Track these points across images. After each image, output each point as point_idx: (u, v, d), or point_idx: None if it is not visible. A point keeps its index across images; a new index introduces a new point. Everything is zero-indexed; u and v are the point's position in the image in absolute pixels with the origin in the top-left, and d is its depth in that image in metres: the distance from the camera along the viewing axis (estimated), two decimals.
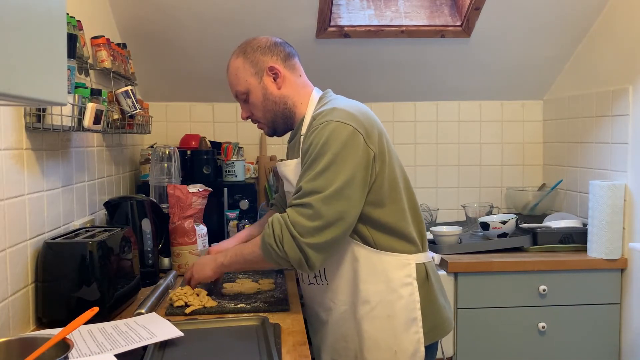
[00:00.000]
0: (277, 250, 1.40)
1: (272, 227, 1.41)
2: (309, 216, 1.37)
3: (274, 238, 1.40)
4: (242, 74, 1.58)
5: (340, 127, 1.41)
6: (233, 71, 1.60)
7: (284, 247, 1.38)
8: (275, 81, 1.57)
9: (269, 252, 1.42)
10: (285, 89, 1.59)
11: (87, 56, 1.84)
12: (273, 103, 1.58)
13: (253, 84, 1.57)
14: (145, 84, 2.76)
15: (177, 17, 2.42)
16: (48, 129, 1.49)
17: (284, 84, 1.58)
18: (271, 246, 1.40)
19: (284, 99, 1.59)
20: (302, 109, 1.60)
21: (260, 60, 1.57)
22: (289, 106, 1.60)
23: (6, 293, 1.34)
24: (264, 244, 1.43)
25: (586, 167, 2.63)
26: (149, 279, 1.86)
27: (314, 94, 1.62)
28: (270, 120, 1.61)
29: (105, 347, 1.21)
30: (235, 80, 1.60)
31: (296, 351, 1.30)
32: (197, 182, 2.18)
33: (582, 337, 2.36)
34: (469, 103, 3.03)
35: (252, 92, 1.58)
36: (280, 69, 1.57)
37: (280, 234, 1.39)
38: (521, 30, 2.58)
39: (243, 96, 1.60)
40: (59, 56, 0.95)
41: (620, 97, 2.37)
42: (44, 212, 1.55)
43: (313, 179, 1.39)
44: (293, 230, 1.37)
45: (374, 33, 2.56)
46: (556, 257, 2.36)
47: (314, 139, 1.43)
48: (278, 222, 1.40)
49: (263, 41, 1.60)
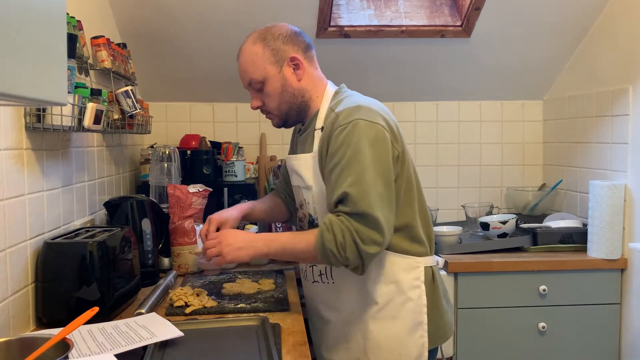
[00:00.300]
0: (337, 256, 1.36)
1: (333, 232, 1.35)
2: (372, 227, 1.34)
3: (335, 243, 1.35)
4: (261, 61, 1.50)
5: (370, 126, 1.39)
6: (249, 57, 1.52)
7: (346, 253, 1.35)
8: (296, 72, 1.52)
9: (328, 255, 1.37)
10: (304, 81, 1.54)
11: (87, 56, 1.84)
12: (291, 95, 1.53)
13: (272, 73, 1.51)
14: (145, 84, 2.76)
15: (177, 17, 2.42)
16: (48, 129, 1.49)
17: (304, 75, 1.53)
18: (332, 251, 1.35)
19: (302, 92, 1.54)
20: (317, 102, 1.56)
21: (282, 49, 1.51)
22: (305, 99, 1.55)
23: (6, 293, 1.34)
24: (323, 247, 1.36)
25: (586, 167, 2.63)
26: (149, 279, 1.86)
27: (329, 87, 1.59)
28: (284, 112, 1.56)
29: (105, 347, 1.21)
30: (251, 67, 1.52)
31: (296, 351, 1.30)
32: (197, 182, 2.18)
33: (582, 337, 2.36)
34: (469, 103, 3.03)
35: (270, 82, 1.51)
36: (302, 60, 1.52)
37: (343, 240, 1.34)
38: (521, 30, 2.58)
39: (258, 85, 1.53)
40: (59, 56, 0.95)
41: (620, 97, 2.37)
42: (44, 212, 1.55)
43: (358, 183, 1.35)
44: (357, 238, 1.34)
45: (374, 33, 2.56)
46: (556, 257, 2.36)
47: (345, 138, 1.38)
48: (339, 228, 1.35)
49: (284, 29, 1.53)
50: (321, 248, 1.37)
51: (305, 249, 1.42)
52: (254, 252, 1.47)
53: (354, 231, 1.34)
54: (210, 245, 1.51)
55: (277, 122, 1.60)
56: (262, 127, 2.97)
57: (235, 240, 1.48)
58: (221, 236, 1.50)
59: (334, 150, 1.41)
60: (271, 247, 1.46)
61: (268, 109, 1.57)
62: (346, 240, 1.34)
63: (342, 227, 1.35)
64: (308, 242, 1.41)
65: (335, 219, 1.37)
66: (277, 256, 1.50)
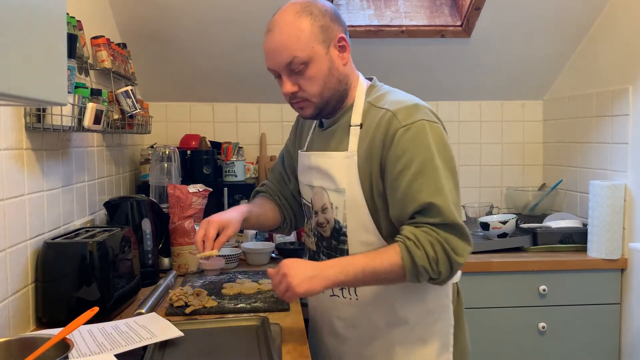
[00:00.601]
0: (430, 272, 1.23)
1: (423, 246, 1.22)
2: (459, 234, 1.24)
3: (428, 259, 1.21)
4: (308, 38, 1.28)
5: (434, 127, 1.28)
6: (295, 32, 1.28)
7: (439, 267, 1.22)
8: (341, 55, 1.34)
9: (419, 273, 1.23)
10: (348, 66, 1.37)
11: (87, 56, 1.84)
12: (336, 81, 1.34)
13: (320, 53, 1.30)
14: (145, 84, 2.76)
15: (177, 17, 2.42)
16: (48, 129, 1.49)
17: (348, 60, 1.37)
18: (424, 268, 1.22)
19: (346, 79, 1.37)
20: (353, 93, 1.39)
21: (331, 27, 1.32)
22: (347, 88, 1.38)
23: (6, 293, 1.34)
24: (413, 265, 1.22)
25: (586, 167, 2.63)
26: (149, 279, 1.86)
27: (362, 79, 1.43)
28: (325, 100, 1.35)
29: (105, 347, 1.21)
30: (296, 44, 1.28)
31: (296, 351, 1.30)
32: (197, 182, 2.18)
33: (582, 337, 2.36)
34: (469, 103, 3.03)
35: (316, 63, 1.30)
36: (347, 41, 1.35)
37: (435, 254, 1.22)
38: (521, 30, 2.58)
39: (299, 66, 1.30)
40: (59, 56, 0.95)
41: (620, 97, 2.37)
42: (44, 212, 1.54)
43: (439, 193, 1.23)
44: (449, 250, 1.22)
45: (374, 33, 2.56)
46: (556, 257, 2.36)
47: (413, 141, 1.25)
48: (428, 241, 1.22)
49: (328, 5, 1.35)
50: (411, 266, 1.22)
51: (390, 269, 1.23)
52: (328, 281, 1.24)
53: (444, 242, 1.22)
54: (276, 282, 1.27)
55: (312, 112, 1.37)
56: (262, 127, 2.97)
57: (303, 269, 1.24)
58: (283, 268, 1.25)
59: (398, 153, 1.26)
60: (348, 272, 1.24)
61: (306, 95, 1.33)
62: (438, 253, 1.22)
63: (431, 239, 1.22)
64: (392, 261, 1.23)
65: (419, 231, 1.23)
66: (355, 282, 1.28)
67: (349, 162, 1.33)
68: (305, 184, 1.48)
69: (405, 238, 1.24)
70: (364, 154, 1.32)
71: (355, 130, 1.35)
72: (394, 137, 1.26)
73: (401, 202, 1.27)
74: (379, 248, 1.29)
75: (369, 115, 1.34)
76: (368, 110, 1.35)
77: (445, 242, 1.22)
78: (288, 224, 1.64)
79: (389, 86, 1.44)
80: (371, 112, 1.34)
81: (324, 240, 1.44)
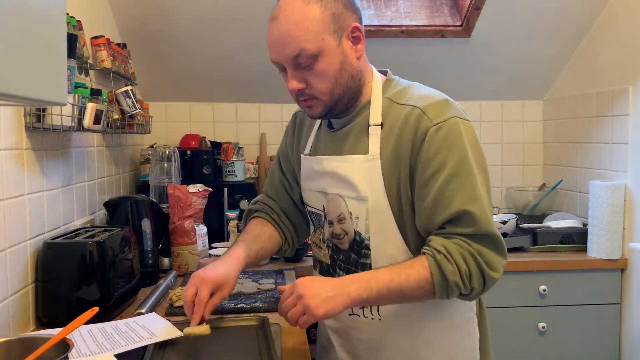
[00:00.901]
0: (462, 288, 1.11)
1: (455, 261, 1.10)
2: (494, 247, 1.13)
3: (460, 275, 1.10)
4: (318, 28, 1.13)
5: (467, 126, 1.16)
6: (303, 21, 1.13)
7: (471, 282, 1.11)
8: (355, 47, 1.19)
9: (450, 289, 1.11)
10: (362, 59, 1.22)
11: (87, 56, 1.84)
12: (350, 77, 1.19)
13: (330, 45, 1.15)
14: (145, 84, 2.76)
15: (177, 17, 2.42)
16: (48, 129, 1.49)
17: (362, 53, 1.21)
18: (456, 284, 1.10)
19: (360, 73, 1.21)
20: (368, 89, 1.25)
21: (344, 14, 1.16)
22: (361, 84, 1.23)
23: (6, 293, 1.34)
24: (444, 281, 1.10)
25: (586, 167, 2.63)
26: (149, 279, 1.85)
27: (376, 72, 1.28)
28: (337, 97, 1.20)
29: (105, 347, 1.21)
30: (304, 35, 1.13)
31: (296, 351, 1.29)
32: (197, 182, 2.18)
33: (582, 337, 2.36)
34: (469, 103, 3.03)
35: (326, 56, 1.15)
36: (362, 32, 1.20)
37: (467, 268, 1.10)
38: (521, 30, 2.58)
39: (307, 60, 1.15)
40: (59, 56, 0.95)
41: (620, 97, 2.37)
42: (44, 212, 1.54)
43: (476, 200, 1.12)
44: (483, 264, 1.11)
45: (374, 33, 2.56)
46: (556, 257, 2.36)
47: (445, 141, 1.13)
48: (460, 254, 1.10)
49: None
50: (442, 282, 1.10)
51: (417, 285, 1.11)
52: (349, 300, 1.11)
53: (477, 255, 1.11)
54: (289, 305, 1.12)
55: (321, 111, 1.22)
56: (262, 127, 2.97)
57: (321, 288, 1.11)
58: (298, 288, 1.12)
59: (430, 155, 1.13)
60: (371, 289, 1.11)
61: (314, 93, 1.19)
62: (471, 267, 1.10)
63: (463, 252, 1.11)
64: (420, 276, 1.11)
65: (450, 243, 1.12)
66: (379, 300, 1.16)
67: (370, 166, 1.19)
68: (315, 191, 1.32)
69: (434, 251, 1.11)
70: (390, 157, 1.18)
71: (376, 130, 1.20)
72: (425, 137, 1.13)
73: (431, 209, 1.14)
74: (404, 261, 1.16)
75: (390, 113, 1.20)
76: (389, 108, 1.21)
77: (479, 255, 1.11)
78: (290, 244, 1.47)
79: (406, 80, 1.31)
80: (393, 109, 1.20)
81: (340, 253, 1.28)
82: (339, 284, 1.12)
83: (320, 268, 1.37)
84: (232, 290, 1.27)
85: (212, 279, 1.21)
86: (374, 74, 1.27)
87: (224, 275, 1.24)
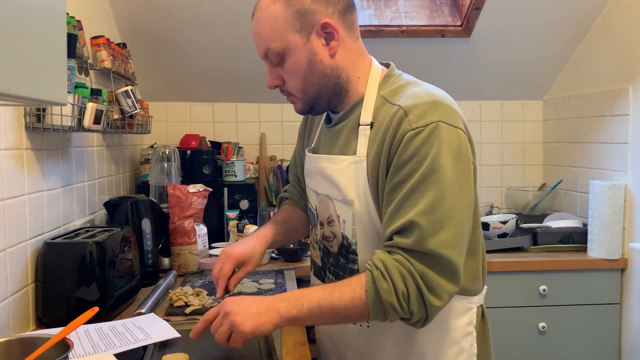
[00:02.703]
0: (399, 311, 1.03)
1: (391, 278, 1.02)
2: (440, 270, 1.02)
3: (396, 294, 1.01)
4: (281, 26, 1.11)
5: (453, 133, 1.06)
6: (267, 20, 1.12)
7: (410, 306, 1.02)
8: (329, 45, 1.13)
9: (386, 311, 1.03)
10: (340, 56, 1.15)
11: (87, 56, 1.84)
12: (321, 75, 1.14)
13: (295, 43, 1.12)
14: (145, 84, 2.76)
15: (177, 17, 2.42)
16: (48, 129, 1.49)
17: (340, 48, 1.14)
18: (392, 305, 1.02)
19: (337, 71, 1.15)
20: (360, 86, 1.19)
21: (311, 10, 1.10)
22: (341, 80, 1.17)
23: (6, 293, 1.34)
24: (378, 301, 1.02)
25: (586, 167, 2.63)
26: (149, 279, 1.85)
27: (375, 66, 1.21)
28: (311, 96, 1.17)
29: (99, 348, 1.21)
30: (268, 33, 1.12)
31: (296, 351, 1.29)
32: (197, 182, 2.18)
33: (582, 337, 2.36)
34: (469, 103, 3.03)
35: (292, 54, 1.12)
36: (338, 27, 1.12)
37: (405, 289, 1.02)
38: (521, 30, 2.58)
39: (276, 58, 1.13)
40: (59, 56, 0.95)
41: (620, 97, 2.37)
42: (44, 212, 1.54)
43: (430, 213, 1.01)
44: (422, 286, 1.02)
45: (374, 33, 2.56)
46: (556, 257, 2.36)
47: (421, 148, 1.04)
48: (398, 272, 1.02)
49: None
50: (375, 303, 1.03)
51: (351, 304, 1.04)
52: (279, 316, 1.06)
53: (417, 276, 1.02)
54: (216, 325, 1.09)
55: (302, 108, 1.21)
56: (262, 127, 2.97)
57: (249, 306, 1.08)
58: (225, 306, 1.09)
59: (402, 161, 1.05)
60: (302, 307, 1.06)
61: (289, 89, 1.18)
62: (409, 288, 1.02)
63: (402, 270, 1.02)
64: (354, 295, 1.04)
65: (389, 259, 1.04)
66: (311, 319, 1.09)
67: (357, 168, 1.13)
68: (311, 188, 1.29)
69: (373, 266, 1.04)
70: (373, 159, 1.11)
71: (365, 130, 1.14)
72: (402, 141, 1.05)
73: (389, 218, 1.06)
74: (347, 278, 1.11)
75: (381, 112, 1.13)
76: (381, 107, 1.14)
77: (419, 276, 1.01)
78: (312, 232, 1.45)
79: (410, 76, 1.22)
80: (384, 108, 1.13)
81: (330, 256, 1.25)
82: (270, 300, 1.09)
83: (314, 269, 1.35)
84: (257, 266, 1.33)
85: (236, 255, 1.29)
86: (373, 68, 1.20)
87: (249, 251, 1.30)
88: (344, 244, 1.20)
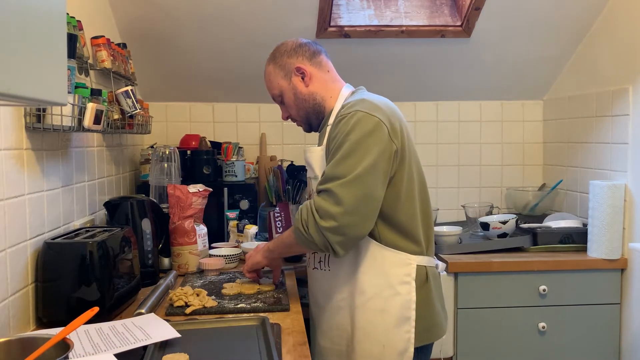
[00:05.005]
0: (304, 234, 1.45)
1: (300, 212, 1.47)
2: (331, 201, 1.41)
3: (301, 222, 1.45)
4: (274, 78, 1.66)
5: (367, 118, 1.46)
6: (267, 77, 1.69)
7: (309, 230, 1.43)
8: (303, 80, 1.64)
9: (299, 236, 1.47)
10: (313, 85, 1.65)
11: (87, 56, 1.84)
12: (303, 100, 1.65)
13: (284, 86, 1.65)
14: (145, 84, 2.76)
15: (177, 17, 2.42)
16: (48, 129, 1.49)
17: (312, 81, 1.64)
18: (299, 230, 1.46)
19: (313, 95, 1.65)
20: (332, 102, 1.65)
21: (287, 63, 1.65)
22: (318, 101, 1.65)
23: (6, 293, 1.34)
24: (295, 228, 1.49)
25: (586, 167, 2.63)
26: (149, 279, 1.86)
27: (345, 89, 1.68)
28: (304, 116, 1.68)
29: (99, 348, 1.21)
30: (269, 85, 1.69)
31: (296, 351, 1.30)
32: (197, 182, 2.18)
33: (582, 337, 2.36)
34: (469, 103, 3.03)
35: (285, 94, 1.66)
36: (307, 67, 1.64)
37: (306, 218, 1.44)
38: (521, 30, 2.58)
39: (279, 98, 1.69)
40: (59, 56, 0.95)
41: (620, 97, 2.37)
42: (44, 212, 1.54)
43: (335, 165, 1.44)
44: (316, 214, 1.42)
45: (374, 33, 2.56)
46: (556, 257, 2.36)
47: (341, 127, 1.47)
48: (305, 207, 1.46)
49: (289, 44, 1.67)
50: (294, 229, 1.49)
51: (289, 234, 1.55)
52: (264, 251, 1.70)
53: (313, 207, 1.43)
54: None
55: (305, 127, 1.73)
56: (262, 127, 2.98)
57: (256, 249, 1.76)
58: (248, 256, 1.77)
59: (330, 139, 1.51)
60: (274, 243, 1.67)
61: (293, 117, 1.71)
62: (308, 218, 1.44)
63: (308, 205, 1.46)
64: (291, 228, 1.53)
65: (307, 201, 1.49)
66: (279, 250, 1.65)
67: (322, 154, 1.59)
68: None
69: None
70: (327, 146, 1.55)
71: (329, 128, 1.58)
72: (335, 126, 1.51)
73: None
74: None
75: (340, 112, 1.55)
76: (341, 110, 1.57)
77: (313, 207, 1.43)
78: None
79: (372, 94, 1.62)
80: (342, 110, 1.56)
81: None
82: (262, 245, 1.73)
83: None
84: None
85: None
86: (342, 89, 1.67)
87: None
88: None
